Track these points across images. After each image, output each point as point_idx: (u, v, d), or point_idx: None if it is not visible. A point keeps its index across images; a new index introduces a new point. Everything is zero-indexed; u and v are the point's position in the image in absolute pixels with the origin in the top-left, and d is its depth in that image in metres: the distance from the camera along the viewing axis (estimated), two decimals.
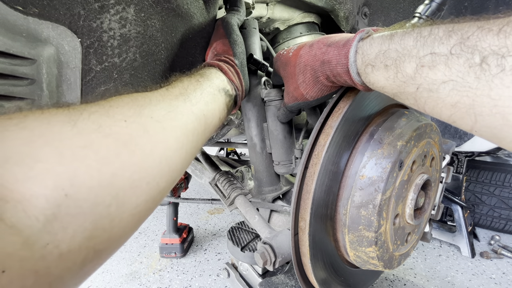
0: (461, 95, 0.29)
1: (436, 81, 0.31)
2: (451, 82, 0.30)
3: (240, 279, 1.06)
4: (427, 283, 1.44)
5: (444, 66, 0.30)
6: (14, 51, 0.41)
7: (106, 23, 0.51)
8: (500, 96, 0.26)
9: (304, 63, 0.49)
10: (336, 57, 0.43)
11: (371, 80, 0.40)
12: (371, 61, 0.38)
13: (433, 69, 0.31)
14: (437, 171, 0.64)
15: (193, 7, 0.65)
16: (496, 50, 0.26)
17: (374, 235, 0.49)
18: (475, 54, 0.28)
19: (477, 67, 0.27)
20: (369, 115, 0.54)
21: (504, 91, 0.26)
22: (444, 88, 0.30)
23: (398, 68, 0.35)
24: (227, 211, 2.31)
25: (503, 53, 0.26)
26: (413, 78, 0.33)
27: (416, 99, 0.35)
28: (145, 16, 0.56)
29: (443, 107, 0.32)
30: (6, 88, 0.42)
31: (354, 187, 0.50)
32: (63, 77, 0.49)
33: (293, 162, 0.69)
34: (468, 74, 0.28)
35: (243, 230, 1.07)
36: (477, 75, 0.27)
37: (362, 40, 0.41)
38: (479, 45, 0.27)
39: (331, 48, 0.45)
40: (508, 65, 0.25)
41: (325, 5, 0.88)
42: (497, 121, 0.27)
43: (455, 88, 0.30)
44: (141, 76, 0.61)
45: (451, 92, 0.30)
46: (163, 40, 0.62)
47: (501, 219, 1.83)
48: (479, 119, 0.29)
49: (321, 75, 0.47)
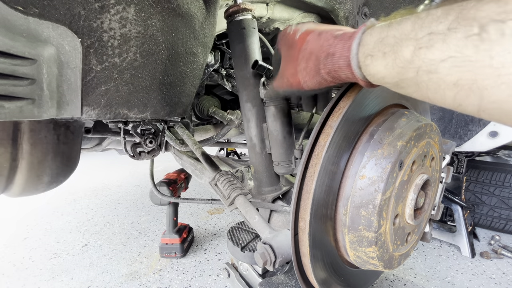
0: (462, 70, 0.27)
1: (434, 60, 0.29)
2: (450, 59, 0.28)
3: (240, 279, 1.06)
4: (427, 283, 1.44)
5: (441, 44, 0.29)
6: (14, 51, 0.41)
7: (107, 23, 0.51)
8: (502, 63, 0.24)
9: (310, 50, 0.47)
10: (340, 50, 0.42)
11: (372, 72, 0.39)
12: (370, 51, 0.38)
13: (430, 49, 0.30)
14: (437, 171, 0.64)
15: (193, 7, 0.65)
16: (495, 17, 0.25)
17: (374, 235, 0.49)
18: (474, 25, 0.26)
19: (475, 37, 0.26)
20: (369, 115, 0.54)
21: (506, 57, 0.24)
22: (444, 67, 0.29)
23: (396, 54, 0.34)
24: (227, 211, 2.32)
25: (503, 18, 0.24)
26: (411, 62, 0.32)
27: (417, 85, 0.33)
28: (145, 16, 0.56)
29: (446, 88, 0.30)
30: (6, 88, 0.42)
31: (354, 187, 0.50)
32: (64, 77, 0.49)
33: (292, 162, 0.69)
34: (466, 46, 0.27)
35: (243, 230, 1.08)
36: (476, 46, 0.26)
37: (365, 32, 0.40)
38: (477, 15, 0.26)
39: (338, 40, 0.43)
40: (509, 29, 0.24)
41: (325, 5, 0.88)
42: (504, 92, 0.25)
43: (454, 65, 0.28)
44: (141, 76, 0.62)
45: (451, 70, 0.28)
46: (163, 40, 0.62)
47: (501, 219, 1.83)
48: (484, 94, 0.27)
49: (323, 67, 0.46)
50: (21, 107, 0.44)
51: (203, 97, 1.28)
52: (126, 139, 0.96)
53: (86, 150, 1.29)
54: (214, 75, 1.15)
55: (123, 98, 0.60)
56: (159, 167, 3.44)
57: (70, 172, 0.96)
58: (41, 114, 0.47)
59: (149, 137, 0.94)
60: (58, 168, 0.89)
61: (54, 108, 0.49)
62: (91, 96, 0.55)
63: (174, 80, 0.70)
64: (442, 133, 1.61)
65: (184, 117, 1.02)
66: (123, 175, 3.39)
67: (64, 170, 0.92)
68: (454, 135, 1.56)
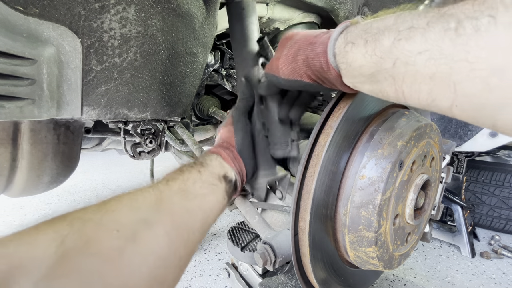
0: (438, 63, 0.28)
1: (412, 52, 0.30)
2: (427, 52, 0.29)
3: (240, 279, 1.06)
4: (427, 283, 1.44)
5: (420, 37, 0.29)
6: (14, 51, 0.41)
7: (107, 23, 0.51)
8: (477, 58, 0.25)
9: (296, 40, 0.48)
10: (321, 40, 0.43)
11: (349, 59, 0.39)
12: (353, 38, 0.38)
13: (409, 41, 0.31)
14: (437, 171, 0.64)
15: (193, 7, 0.65)
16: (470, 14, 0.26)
17: (374, 235, 0.49)
18: (451, 21, 0.27)
19: (452, 31, 0.27)
20: (369, 115, 0.54)
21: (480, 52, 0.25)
22: (421, 59, 0.30)
23: (376, 42, 0.34)
24: (227, 211, 2.32)
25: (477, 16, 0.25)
26: (390, 51, 0.33)
27: (394, 77, 0.33)
28: (145, 16, 0.56)
29: (422, 82, 0.31)
30: (6, 88, 0.42)
31: (354, 187, 0.50)
32: (64, 77, 0.49)
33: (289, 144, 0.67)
34: (443, 40, 0.27)
35: (243, 230, 1.07)
36: (452, 40, 0.27)
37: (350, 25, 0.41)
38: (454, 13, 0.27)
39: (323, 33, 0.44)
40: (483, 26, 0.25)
41: (325, 5, 0.88)
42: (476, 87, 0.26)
43: (431, 57, 0.29)
44: (141, 76, 0.62)
45: (428, 62, 0.29)
46: (163, 40, 0.62)
47: (501, 219, 1.83)
48: (457, 88, 0.28)
49: (301, 54, 0.46)
50: (21, 107, 0.44)
51: (203, 97, 1.28)
52: (126, 139, 0.96)
53: (86, 150, 1.29)
54: (214, 75, 1.15)
55: (123, 98, 0.60)
56: (159, 167, 3.44)
57: (70, 172, 0.96)
58: (41, 114, 0.47)
59: (149, 137, 0.94)
60: (58, 168, 0.89)
61: (54, 108, 0.49)
62: (91, 96, 0.55)
63: (174, 80, 0.70)
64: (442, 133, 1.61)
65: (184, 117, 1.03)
66: (123, 175, 3.39)
67: (64, 170, 0.92)
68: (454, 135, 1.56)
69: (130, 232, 0.35)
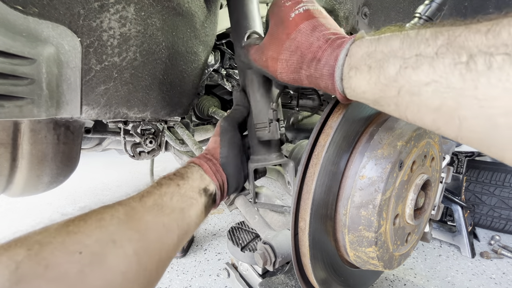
0: (445, 97, 0.27)
1: (418, 82, 0.29)
2: (433, 83, 0.28)
3: (240, 279, 1.06)
4: (427, 283, 1.44)
5: (428, 67, 0.28)
6: (14, 50, 0.41)
7: (106, 22, 0.51)
8: (486, 96, 0.24)
9: (298, 44, 0.45)
10: (327, 57, 0.41)
11: (353, 85, 0.38)
12: (356, 63, 0.37)
13: (416, 70, 0.29)
14: (437, 171, 0.64)
15: (193, 5, 0.65)
16: (484, 49, 0.24)
17: (374, 235, 0.49)
18: (462, 54, 0.26)
19: (462, 65, 0.26)
20: (369, 115, 0.54)
21: (490, 90, 0.24)
22: (427, 91, 0.28)
23: (381, 69, 0.33)
24: (227, 211, 2.31)
25: (492, 52, 0.24)
26: (395, 80, 0.31)
27: (397, 105, 0.32)
28: (145, 15, 0.56)
29: (426, 113, 0.30)
30: (6, 87, 0.42)
31: (354, 187, 0.50)
32: (63, 76, 0.49)
33: (267, 125, 0.62)
34: (453, 73, 0.26)
35: (243, 230, 1.07)
36: (462, 74, 0.26)
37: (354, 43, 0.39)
38: (466, 45, 0.26)
39: (327, 45, 0.42)
40: (496, 63, 0.23)
41: (325, 5, 0.88)
42: (482, 124, 0.25)
43: (438, 90, 0.27)
44: (141, 76, 0.61)
45: (434, 94, 0.28)
46: (163, 39, 0.62)
47: (501, 219, 1.83)
48: (463, 124, 0.27)
49: (305, 70, 0.44)
50: (20, 107, 0.44)
51: (203, 97, 1.28)
52: (126, 139, 0.96)
53: (86, 150, 1.29)
54: (214, 75, 1.15)
55: (123, 98, 0.60)
56: (159, 167, 3.44)
57: (70, 172, 0.96)
58: (40, 113, 0.47)
59: (149, 137, 0.94)
60: (58, 168, 0.89)
61: (54, 107, 0.49)
62: (91, 95, 0.55)
63: (174, 79, 0.70)
64: None
65: (184, 117, 1.03)
66: (123, 175, 3.38)
67: (64, 170, 0.92)
68: None
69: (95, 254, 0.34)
